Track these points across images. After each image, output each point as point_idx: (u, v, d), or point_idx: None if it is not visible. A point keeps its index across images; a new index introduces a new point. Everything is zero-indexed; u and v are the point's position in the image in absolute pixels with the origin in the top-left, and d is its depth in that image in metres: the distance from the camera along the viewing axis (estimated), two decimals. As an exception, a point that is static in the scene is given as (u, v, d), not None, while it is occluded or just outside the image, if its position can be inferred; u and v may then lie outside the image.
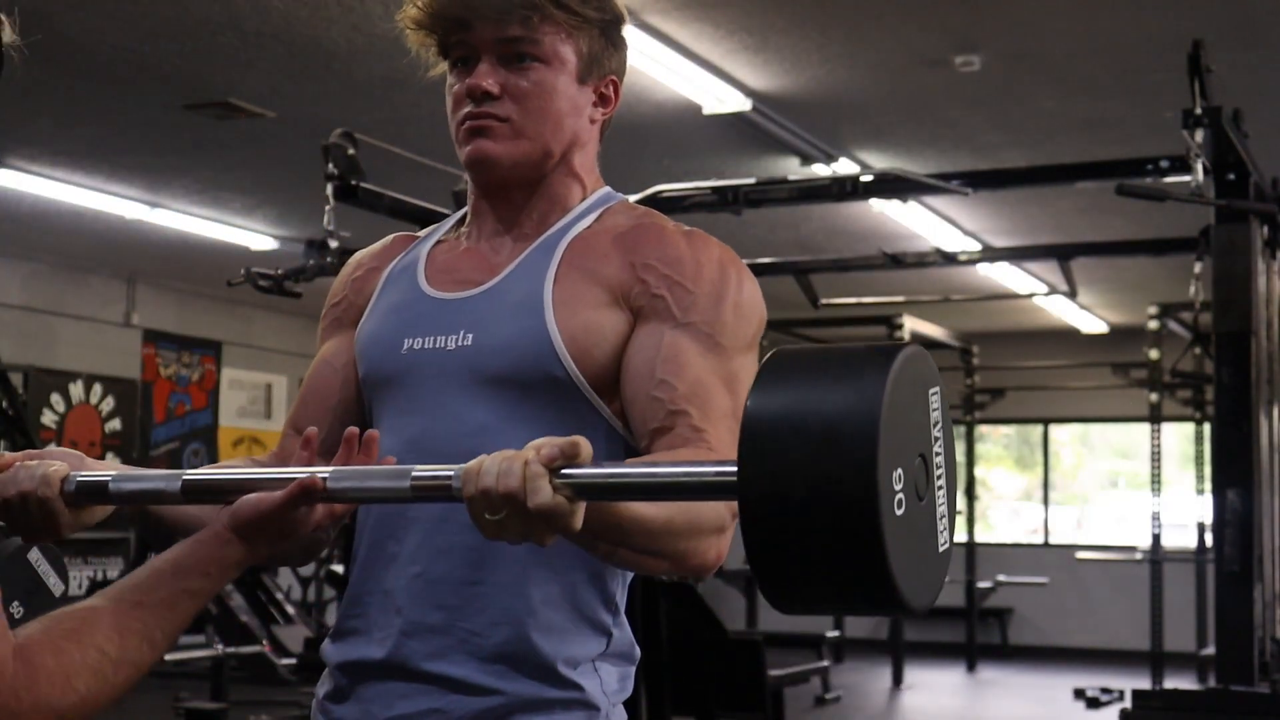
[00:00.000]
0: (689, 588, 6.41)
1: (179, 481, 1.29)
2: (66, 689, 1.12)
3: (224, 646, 6.40)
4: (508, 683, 1.36)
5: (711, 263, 1.41)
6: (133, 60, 5.38)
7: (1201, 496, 8.49)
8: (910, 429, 1.05)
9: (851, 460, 0.99)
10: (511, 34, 1.43)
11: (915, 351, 1.07)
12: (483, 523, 1.12)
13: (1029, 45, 5.21)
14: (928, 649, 11.24)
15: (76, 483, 1.31)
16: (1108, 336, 11.49)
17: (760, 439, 1.02)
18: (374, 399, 1.47)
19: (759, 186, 4.85)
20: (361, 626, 1.43)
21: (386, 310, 1.48)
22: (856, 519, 0.99)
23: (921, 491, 1.06)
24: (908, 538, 1.02)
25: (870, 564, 0.99)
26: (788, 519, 1.00)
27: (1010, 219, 8.00)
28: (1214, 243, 3.95)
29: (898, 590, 1.00)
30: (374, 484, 1.21)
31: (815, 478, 1.00)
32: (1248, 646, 3.74)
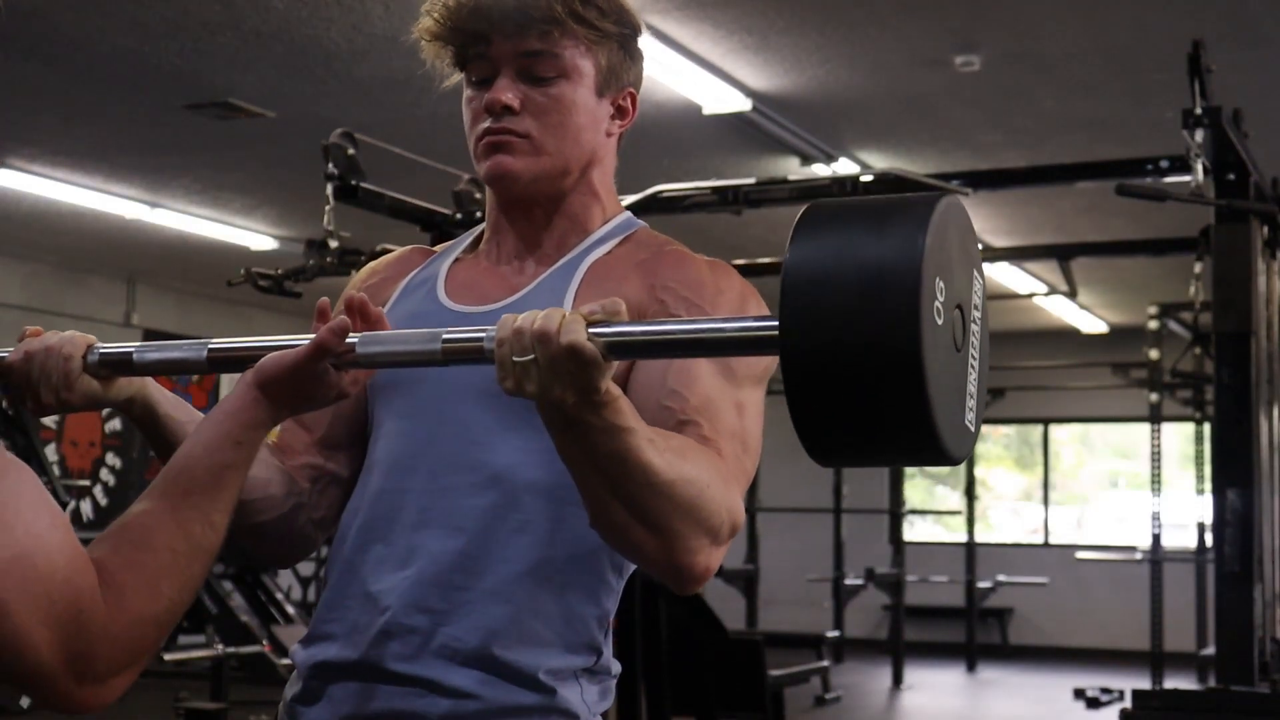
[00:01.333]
0: (689, 588, 6.40)
1: (204, 350, 1.30)
2: (155, 596, 1.14)
3: (224, 646, 6.39)
4: (485, 688, 1.34)
5: (732, 291, 1.41)
6: (133, 60, 5.38)
7: (1201, 496, 8.49)
8: (949, 277, 1.05)
9: (895, 307, 0.99)
10: (531, 48, 1.42)
11: (954, 201, 1.07)
12: (507, 369, 1.11)
13: (1029, 45, 5.21)
14: (928, 649, 11.24)
15: (100, 353, 1.36)
16: (1108, 336, 11.49)
17: (801, 291, 1.02)
18: (379, 402, 1.46)
19: (759, 186, 4.84)
20: (339, 630, 1.40)
21: (403, 318, 1.47)
22: (900, 364, 0.99)
23: (959, 343, 1.08)
24: (947, 385, 1.03)
25: (913, 409, 0.99)
26: (831, 369, 1.00)
27: (1010, 219, 8.01)
28: (1214, 243, 3.94)
29: (939, 435, 1.01)
30: (404, 347, 1.21)
31: (858, 326, 0.99)
32: (1248, 646, 3.74)
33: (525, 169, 1.43)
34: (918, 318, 0.99)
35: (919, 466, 1.13)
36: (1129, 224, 7.32)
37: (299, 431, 1.49)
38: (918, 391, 0.99)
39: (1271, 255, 4.39)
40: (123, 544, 1.15)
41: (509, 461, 1.36)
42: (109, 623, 1.10)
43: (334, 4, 4.82)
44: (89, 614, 1.08)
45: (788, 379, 1.02)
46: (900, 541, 9.99)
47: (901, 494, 10.03)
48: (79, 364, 1.36)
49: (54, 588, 1.06)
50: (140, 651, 1.13)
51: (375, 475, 1.43)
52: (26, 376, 1.37)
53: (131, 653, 1.13)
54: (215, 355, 1.30)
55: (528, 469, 1.36)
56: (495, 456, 1.37)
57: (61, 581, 1.07)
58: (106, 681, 1.11)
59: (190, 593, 1.18)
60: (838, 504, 10.52)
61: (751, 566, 9.91)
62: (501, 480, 1.36)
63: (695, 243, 1.51)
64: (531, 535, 1.35)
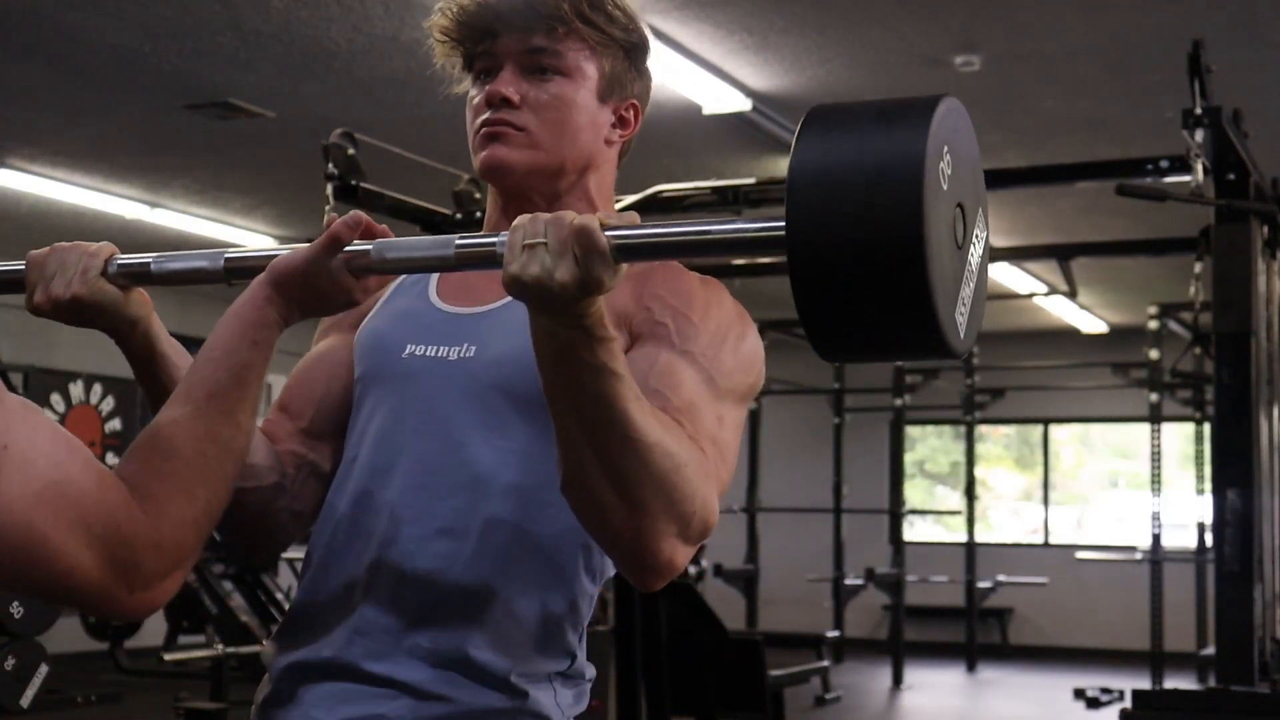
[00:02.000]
0: (689, 588, 6.41)
1: (221, 260, 1.33)
2: (190, 500, 1.17)
3: (224, 646, 6.39)
4: (457, 690, 1.32)
5: (722, 308, 1.40)
6: (133, 60, 5.38)
7: (1201, 496, 8.49)
8: (949, 175, 1.07)
9: (898, 202, 1.01)
10: (535, 44, 1.43)
11: (954, 103, 1.10)
12: (515, 253, 1.12)
13: (1029, 45, 5.21)
14: (928, 649, 11.24)
15: (119, 263, 1.38)
16: (1108, 336, 11.49)
17: (806, 190, 1.04)
18: (365, 398, 1.45)
19: (759, 186, 4.84)
20: (310, 628, 1.39)
21: (393, 315, 1.47)
22: (904, 258, 1.01)
23: (959, 240, 1.10)
24: (948, 281, 1.06)
25: (917, 304, 1.02)
26: (837, 266, 1.03)
27: (1010, 219, 8.01)
28: (1214, 243, 3.94)
29: (940, 328, 1.04)
30: (419, 253, 1.24)
31: (863, 223, 1.02)
32: (1248, 646, 3.74)
33: (520, 160, 1.43)
34: (921, 213, 1.01)
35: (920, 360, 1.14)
36: (1129, 224, 7.33)
37: (284, 420, 1.48)
38: (922, 285, 1.02)
39: (1271, 255, 4.39)
40: (151, 455, 1.18)
41: (488, 463, 1.35)
42: (148, 531, 1.13)
43: (334, 4, 4.83)
44: (126, 526, 1.12)
45: (795, 277, 1.05)
46: (900, 541, 9.99)
47: (901, 494, 10.03)
48: (100, 264, 1.38)
49: (87, 509, 1.09)
50: (183, 554, 1.17)
51: (354, 472, 1.42)
52: (44, 268, 1.39)
53: (175, 556, 1.16)
54: (232, 264, 1.33)
55: (506, 470, 1.35)
56: (474, 458, 1.36)
57: (94, 502, 1.10)
58: (155, 586, 1.15)
59: (225, 491, 1.21)
60: (838, 504, 10.53)
61: (751, 566, 9.91)
62: (479, 482, 1.35)
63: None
64: (507, 537, 1.34)
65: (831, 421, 10.82)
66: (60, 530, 1.08)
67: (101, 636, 6.80)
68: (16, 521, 1.06)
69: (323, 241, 1.27)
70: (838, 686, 8.83)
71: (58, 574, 1.09)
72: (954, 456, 13.05)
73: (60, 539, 1.08)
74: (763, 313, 9.92)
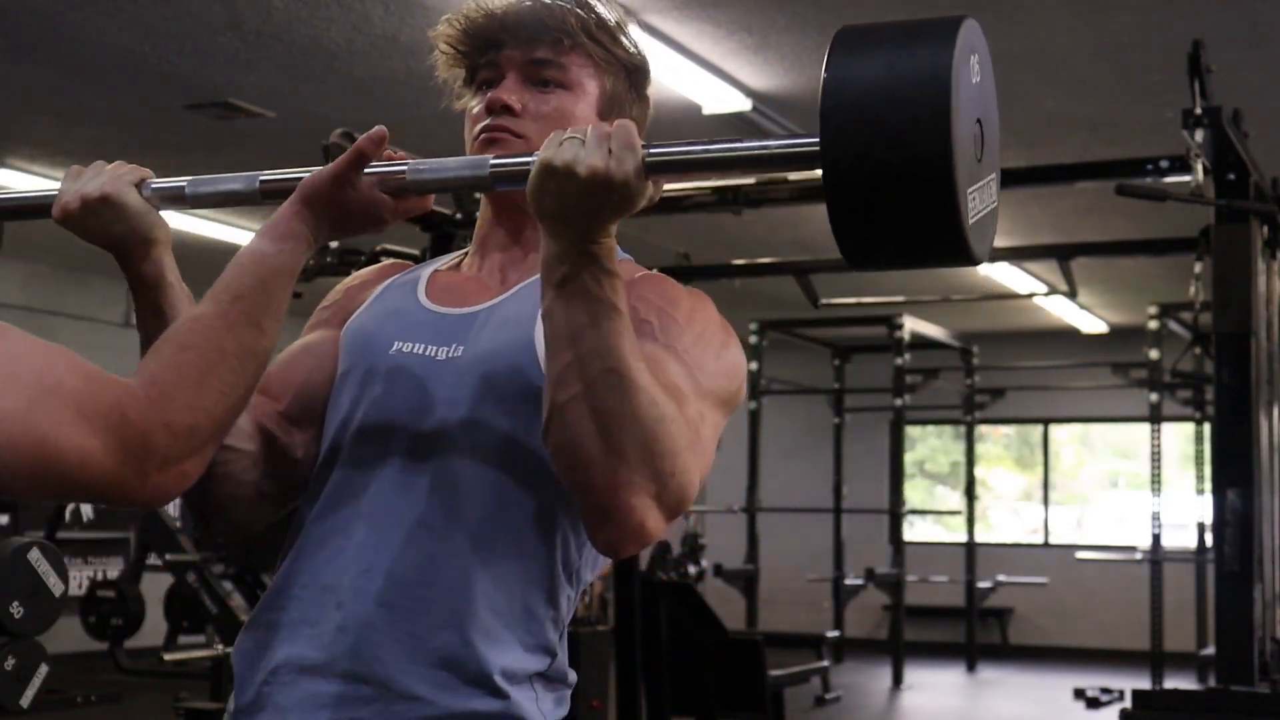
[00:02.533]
0: (689, 588, 6.42)
1: (256, 183, 1.38)
2: (201, 388, 1.19)
3: (224, 646, 6.39)
4: (439, 692, 1.30)
5: (707, 316, 1.39)
6: (133, 60, 5.38)
7: (1201, 496, 8.49)
8: (970, 92, 1.15)
9: (928, 116, 1.09)
10: (539, 56, 1.44)
11: (972, 23, 1.17)
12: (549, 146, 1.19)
13: (1029, 45, 5.21)
14: (928, 649, 11.24)
15: (154, 186, 1.42)
16: (1108, 336, 11.49)
17: (840, 109, 1.11)
18: (349, 391, 1.44)
19: (759, 186, 4.84)
20: (287, 620, 1.37)
21: (381, 313, 1.47)
22: (933, 170, 1.09)
23: (979, 152, 1.17)
24: (972, 191, 1.14)
25: (944, 212, 1.10)
26: (869, 180, 1.10)
27: (1010, 219, 8.01)
28: (1214, 243, 3.94)
29: (965, 236, 1.12)
30: (451, 173, 1.31)
31: (894, 139, 1.09)
32: (1248, 646, 3.74)
33: None
34: (949, 127, 1.08)
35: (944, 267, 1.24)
36: (1129, 224, 7.32)
37: (263, 401, 1.46)
38: (949, 198, 1.09)
39: (1271, 255, 4.39)
40: (165, 347, 1.20)
41: (470, 460, 1.35)
42: (156, 413, 1.15)
43: (334, 4, 4.83)
44: (130, 410, 1.14)
45: (830, 190, 1.12)
46: (900, 541, 10.00)
47: (901, 494, 10.03)
48: (135, 176, 1.43)
49: (84, 401, 1.12)
50: (196, 439, 1.18)
51: (336, 466, 1.41)
52: (80, 173, 1.43)
53: (188, 440, 1.18)
54: (266, 186, 1.37)
55: (488, 469, 1.34)
56: (456, 456, 1.35)
57: (89, 394, 1.13)
58: (171, 469, 1.17)
59: (243, 389, 1.23)
60: (838, 504, 10.53)
61: (751, 566, 9.91)
62: (461, 479, 1.34)
63: (695, 243, 1.52)
64: (488, 536, 1.33)
65: (831, 421, 10.82)
66: (63, 427, 1.10)
67: (101, 636, 6.79)
68: (17, 432, 1.09)
69: (348, 157, 1.31)
70: (838, 686, 8.83)
71: (71, 468, 1.11)
72: (954, 456, 13.05)
73: (64, 435, 1.10)
74: (763, 313, 9.96)
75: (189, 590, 6.65)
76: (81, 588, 7.59)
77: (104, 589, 6.82)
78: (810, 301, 6.53)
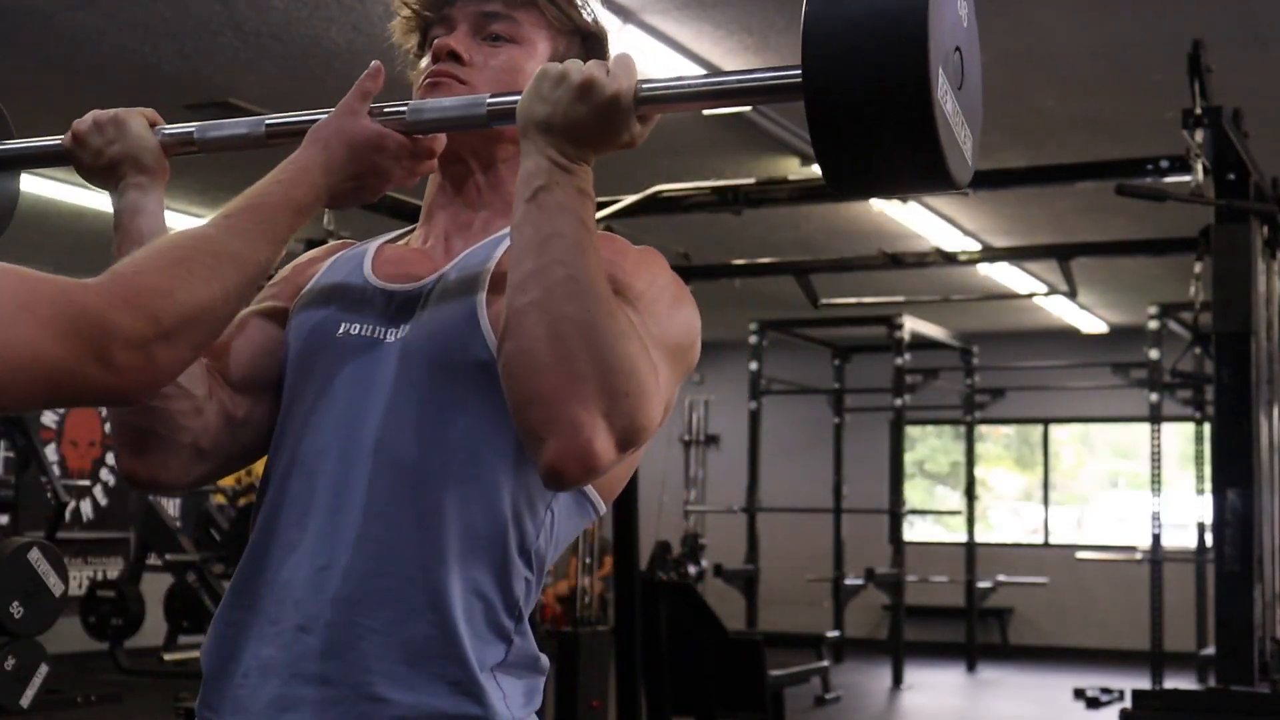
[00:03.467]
0: (689, 588, 6.42)
1: (262, 126, 1.45)
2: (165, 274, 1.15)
3: (224, 646, 6.39)
4: (402, 691, 1.28)
5: (657, 269, 1.37)
6: (133, 60, 5.38)
7: (1201, 496, 8.49)
8: (948, 23, 1.18)
9: (907, 43, 1.11)
10: (491, 9, 1.45)
11: None
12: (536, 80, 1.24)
13: (1029, 45, 5.21)
14: (928, 649, 11.24)
15: (164, 132, 1.46)
16: (1108, 336, 11.49)
17: (820, 39, 1.16)
18: (297, 377, 1.42)
19: (759, 186, 4.85)
20: (251, 620, 1.35)
21: (326, 291, 1.45)
22: (912, 98, 1.12)
23: (959, 79, 1.21)
24: (950, 118, 1.17)
25: (924, 139, 1.13)
26: (851, 109, 1.14)
27: (1010, 219, 8.01)
28: (1214, 243, 3.95)
29: (946, 163, 1.14)
30: (451, 113, 1.36)
31: (874, 65, 1.13)
32: (1248, 646, 3.74)
33: None
34: (927, 56, 1.11)
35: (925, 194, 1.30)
36: (1129, 224, 7.32)
37: (210, 359, 1.43)
38: (928, 127, 1.12)
39: (1271, 255, 4.39)
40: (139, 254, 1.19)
41: (418, 444, 1.32)
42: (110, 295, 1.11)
43: (334, 4, 4.83)
44: (77, 293, 1.10)
45: (812, 119, 1.15)
46: (900, 541, 9.99)
47: (901, 494, 10.03)
48: (147, 118, 1.47)
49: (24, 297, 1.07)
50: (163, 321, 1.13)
51: (284, 454, 1.39)
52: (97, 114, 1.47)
53: (153, 321, 1.12)
54: (274, 129, 1.44)
55: (437, 451, 1.32)
56: (405, 440, 1.33)
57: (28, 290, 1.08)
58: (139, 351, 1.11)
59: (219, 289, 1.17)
60: (838, 504, 10.53)
61: (751, 566, 9.91)
62: (410, 463, 1.32)
63: (695, 243, 1.52)
64: (441, 519, 1.31)
65: (831, 421, 10.82)
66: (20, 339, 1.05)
67: (101, 637, 6.79)
68: None
69: (353, 93, 1.39)
70: (838, 686, 8.83)
71: (23, 366, 1.05)
72: (954, 456, 13.05)
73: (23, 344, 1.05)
74: (762, 313, 9.96)
75: (189, 590, 6.65)
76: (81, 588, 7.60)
77: (104, 589, 6.82)
78: (810, 301, 6.53)
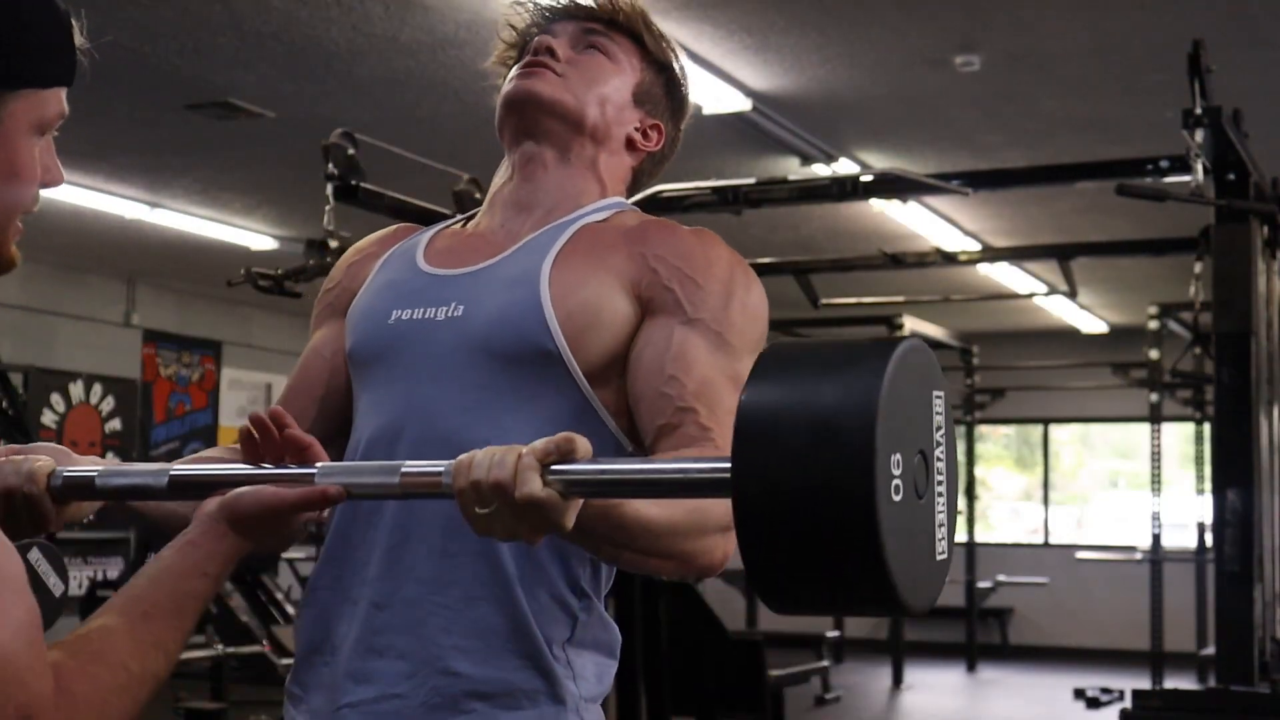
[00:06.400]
0: (689, 588, 6.42)
1: (165, 477, 1.27)
2: (104, 712, 1.13)
3: (224, 646, 6.40)
4: (474, 665, 1.32)
5: (721, 261, 1.43)
6: (133, 60, 5.38)
7: (1201, 496, 8.49)
8: (910, 423, 1.02)
9: (849, 450, 0.96)
10: (592, 26, 1.53)
11: (916, 344, 1.04)
12: (472, 517, 1.11)
13: (1029, 45, 5.21)
14: (928, 649, 11.24)
15: (63, 478, 1.30)
16: (1108, 336, 11.49)
17: (754, 434, 0.99)
18: (358, 374, 1.45)
19: (759, 186, 4.85)
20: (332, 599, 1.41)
21: (380, 287, 1.48)
22: (853, 510, 0.95)
23: (921, 489, 1.03)
24: (906, 534, 0.99)
25: (867, 558, 0.96)
26: (783, 514, 0.97)
27: (1010, 219, 8.00)
28: (1214, 243, 3.94)
29: (894, 587, 0.97)
30: (364, 480, 1.20)
31: (811, 470, 0.96)
32: (1248, 646, 3.74)
33: (547, 93, 1.48)
34: (872, 467, 0.95)
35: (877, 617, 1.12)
36: (1129, 224, 7.32)
37: None
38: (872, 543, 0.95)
39: (1271, 255, 4.38)
40: (80, 653, 1.14)
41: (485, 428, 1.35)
42: None
43: (334, 4, 4.82)
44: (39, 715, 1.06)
45: (739, 524, 0.99)
46: (900, 541, 9.96)
47: (901, 494, 9.99)
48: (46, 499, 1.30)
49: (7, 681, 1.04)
50: None
51: (357, 438, 1.43)
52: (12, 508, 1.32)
53: None
54: (177, 481, 1.27)
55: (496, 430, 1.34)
56: (465, 419, 1.36)
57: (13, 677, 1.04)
58: None
59: (134, 715, 1.17)
60: (838, 504, 10.51)
61: (751, 566, 9.90)
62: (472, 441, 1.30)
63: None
64: None
65: (831, 421, 10.81)
66: None
67: (101, 636, 6.79)
68: None
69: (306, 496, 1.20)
70: (838, 686, 8.83)
71: None
72: (954, 456, 13.04)
73: None
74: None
75: (189, 590, 6.64)
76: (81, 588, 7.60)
77: (104, 589, 6.83)
78: (810, 301, 6.53)
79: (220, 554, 1.22)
